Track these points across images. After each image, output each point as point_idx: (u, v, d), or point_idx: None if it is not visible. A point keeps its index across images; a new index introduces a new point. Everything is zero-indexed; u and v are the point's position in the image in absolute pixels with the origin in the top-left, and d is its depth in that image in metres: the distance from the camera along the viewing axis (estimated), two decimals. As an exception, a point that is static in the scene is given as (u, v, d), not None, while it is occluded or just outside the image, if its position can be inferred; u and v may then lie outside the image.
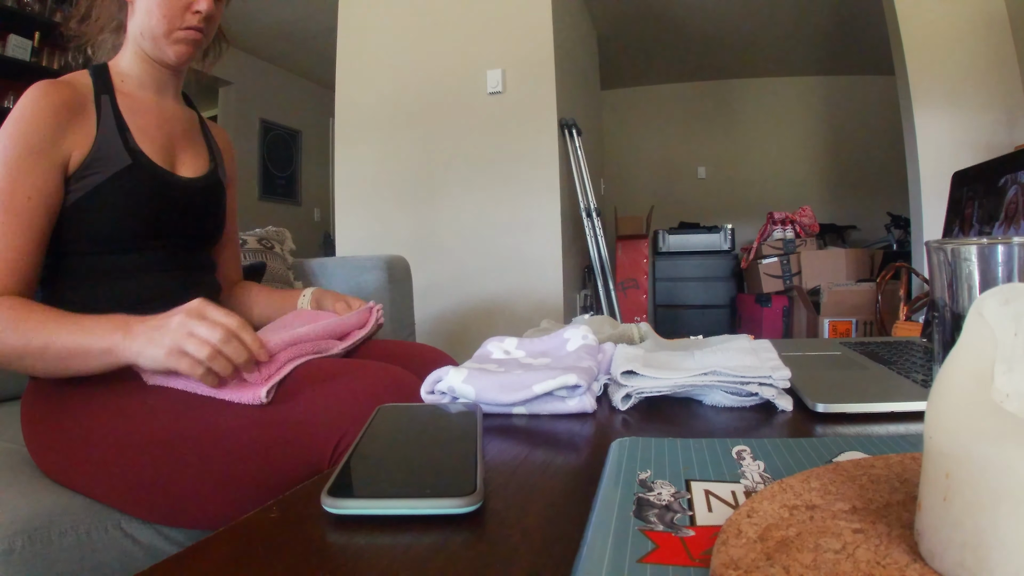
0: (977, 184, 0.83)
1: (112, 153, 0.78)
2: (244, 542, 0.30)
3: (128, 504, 0.70)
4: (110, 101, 0.80)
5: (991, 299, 0.23)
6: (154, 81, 0.87)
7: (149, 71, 0.86)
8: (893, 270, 1.44)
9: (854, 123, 5.26)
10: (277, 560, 0.27)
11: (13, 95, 3.32)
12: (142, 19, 0.81)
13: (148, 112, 0.84)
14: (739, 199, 5.46)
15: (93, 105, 0.79)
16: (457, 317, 2.76)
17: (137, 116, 0.82)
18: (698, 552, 0.24)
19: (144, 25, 0.81)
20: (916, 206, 2.66)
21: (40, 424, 0.73)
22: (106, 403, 0.69)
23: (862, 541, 0.22)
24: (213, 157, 0.94)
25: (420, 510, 0.30)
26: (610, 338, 0.71)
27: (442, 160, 2.84)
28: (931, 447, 0.21)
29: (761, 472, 0.32)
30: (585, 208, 3.07)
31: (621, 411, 0.51)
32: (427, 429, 0.45)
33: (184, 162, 0.88)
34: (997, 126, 2.54)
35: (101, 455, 0.68)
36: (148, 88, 0.86)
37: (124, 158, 0.78)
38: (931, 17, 2.61)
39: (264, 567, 0.27)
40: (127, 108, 0.82)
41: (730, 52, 4.95)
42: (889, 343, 0.79)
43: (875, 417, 0.47)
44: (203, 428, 0.65)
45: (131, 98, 0.83)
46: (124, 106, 0.82)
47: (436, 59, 2.84)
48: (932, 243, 0.31)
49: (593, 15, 4.15)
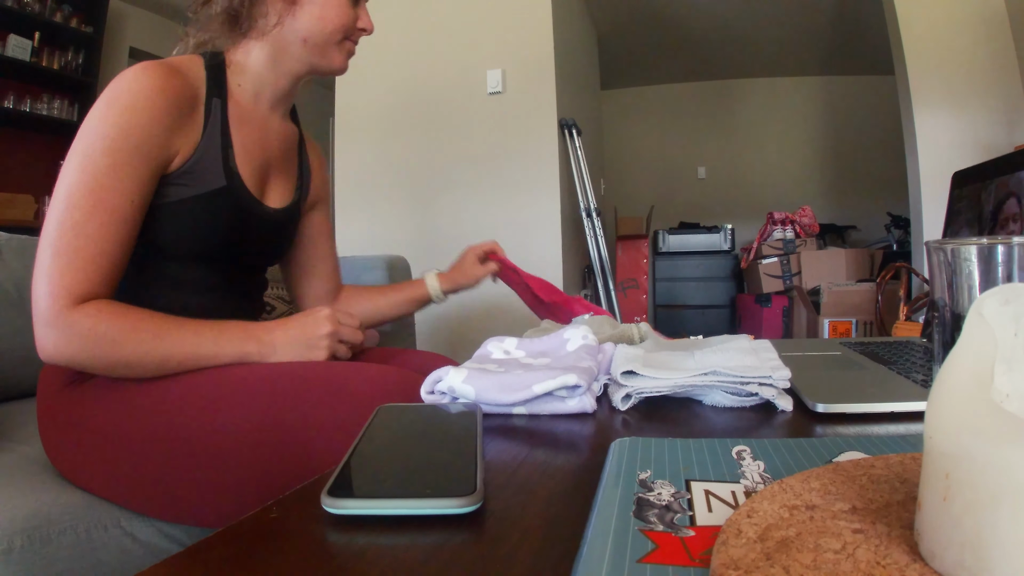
0: (972, 190, 0.83)
1: (209, 169, 0.73)
2: (244, 542, 0.30)
3: (132, 500, 0.70)
4: (221, 107, 0.76)
5: (991, 299, 0.23)
6: (275, 92, 0.82)
7: (276, 80, 0.81)
8: (893, 270, 1.44)
9: (854, 123, 5.26)
10: (277, 560, 0.27)
11: (13, 95, 3.32)
12: (312, 25, 0.78)
13: (254, 128, 0.80)
14: (739, 199, 5.46)
15: (203, 105, 0.74)
16: (457, 317, 2.76)
17: (243, 131, 0.78)
18: (698, 552, 0.24)
19: (314, 31, 0.78)
20: (916, 206, 2.66)
21: (53, 420, 0.73)
22: (115, 400, 0.69)
23: (862, 541, 0.22)
24: (300, 184, 0.91)
25: (420, 510, 0.30)
26: (610, 338, 0.71)
27: (442, 160, 2.84)
28: (931, 447, 0.21)
29: (761, 472, 0.32)
30: (585, 208, 3.07)
31: (621, 411, 0.51)
32: (427, 429, 0.45)
33: (273, 189, 0.85)
34: (997, 126, 2.54)
35: (110, 451, 0.68)
36: (264, 98, 0.82)
37: (220, 179, 0.74)
38: (931, 17, 2.61)
39: (264, 567, 0.27)
40: (236, 118, 0.77)
41: (730, 52, 4.95)
42: (889, 343, 0.79)
43: (875, 417, 0.47)
44: (206, 427, 0.65)
45: (242, 107, 0.79)
46: (234, 116, 0.77)
47: (436, 59, 2.84)
48: (932, 243, 0.31)
49: (593, 15, 4.14)
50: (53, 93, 3.54)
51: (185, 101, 0.71)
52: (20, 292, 1.10)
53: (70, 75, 3.55)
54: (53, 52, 3.47)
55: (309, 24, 0.78)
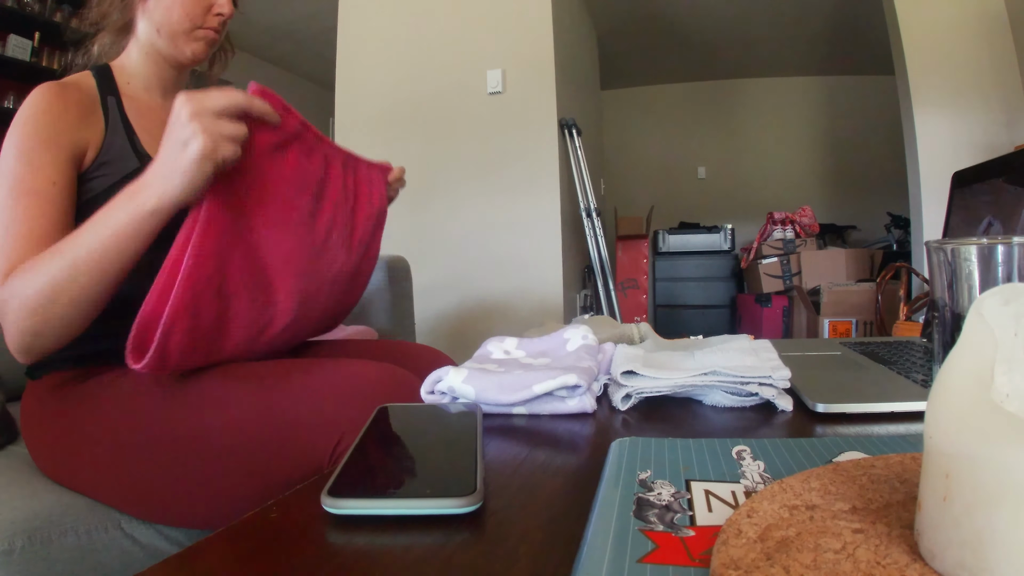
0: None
1: (121, 156, 0.77)
2: (244, 542, 0.30)
3: (127, 504, 0.70)
4: (116, 103, 0.80)
5: (991, 299, 0.23)
6: (161, 82, 0.86)
7: (157, 72, 0.86)
8: (893, 270, 1.44)
9: (854, 123, 5.26)
10: (277, 560, 0.27)
11: (13, 95, 3.32)
12: (161, 16, 0.81)
13: (154, 115, 0.84)
14: (739, 199, 5.46)
15: (100, 106, 0.79)
16: (457, 317, 2.76)
17: (143, 119, 0.82)
18: (698, 552, 0.24)
19: (163, 22, 0.81)
20: (916, 206, 2.66)
21: (39, 425, 0.73)
22: (104, 403, 0.69)
23: (862, 541, 0.22)
24: None
25: (420, 510, 0.30)
26: (610, 338, 0.71)
27: (442, 160, 2.84)
28: (931, 447, 0.21)
29: (761, 472, 0.32)
30: (585, 208, 3.07)
31: (621, 411, 0.51)
32: (427, 429, 0.45)
33: None
34: (997, 126, 2.54)
35: (100, 455, 0.68)
36: (154, 90, 0.86)
37: (132, 161, 0.78)
38: (931, 17, 2.61)
39: (264, 567, 0.27)
40: (133, 111, 0.81)
41: (730, 52, 4.95)
42: (889, 343, 0.79)
43: (875, 417, 0.47)
44: (203, 428, 0.65)
45: (137, 101, 0.83)
46: (130, 109, 0.81)
47: (436, 59, 2.84)
48: (932, 243, 0.31)
49: (593, 15, 4.15)
50: (53, 93, 3.53)
51: (82, 103, 0.76)
52: (20, 292, 1.10)
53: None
54: (53, 52, 3.46)
55: (159, 16, 0.82)
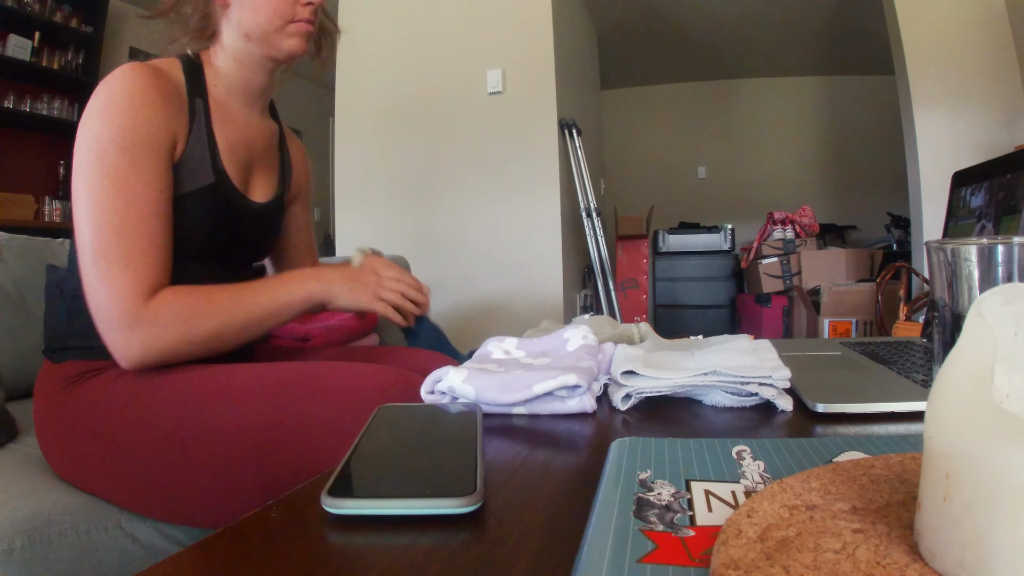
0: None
1: (199, 167, 0.75)
2: (244, 542, 0.30)
3: (131, 501, 0.70)
4: (204, 107, 0.76)
5: (991, 299, 0.23)
6: (247, 88, 0.82)
7: (246, 78, 0.81)
8: (893, 270, 1.44)
9: (854, 123, 5.25)
10: (277, 560, 0.27)
11: (13, 95, 3.32)
12: (248, 19, 0.77)
13: (236, 127, 0.81)
14: (739, 199, 5.46)
15: (187, 104, 0.75)
16: (457, 317, 2.76)
17: (226, 130, 0.79)
18: (698, 552, 0.24)
19: (251, 25, 0.77)
20: (916, 206, 2.66)
21: (49, 416, 0.73)
22: (113, 401, 0.69)
23: (862, 541, 0.22)
24: (283, 179, 0.92)
25: (420, 510, 0.30)
26: (610, 338, 0.71)
27: (442, 160, 2.84)
28: (931, 447, 0.21)
29: (761, 472, 0.32)
30: (585, 208, 3.06)
31: (621, 411, 0.51)
32: (427, 429, 0.45)
33: (257, 184, 0.86)
34: (997, 126, 2.54)
35: (108, 452, 0.68)
36: (238, 97, 0.82)
37: (208, 176, 0.75)
38: (931, 17, 2.61)
39: (264, 567, 0.27)
40: (218, 118, 0.78)
41: (730, 52, 4.95)
42: (889, 343, 0.79)
43: (875, 417, 0.47)
44: (206, 427, 0.65)
45: (222, 107, 0.80)
46: (216, 116, 0.78)
47: (436, 59, 2.84)
48: (932, 243, 0.31)
49: (593, 15, 4.14)
50: (53, 93, 3.53)
51: (173, 97, 0.72)
52: (20, 292, 1.10)
53: (70, 75, 3.55)
54: (53, 52, 3.46)
55: (246, 19, 0.77)
